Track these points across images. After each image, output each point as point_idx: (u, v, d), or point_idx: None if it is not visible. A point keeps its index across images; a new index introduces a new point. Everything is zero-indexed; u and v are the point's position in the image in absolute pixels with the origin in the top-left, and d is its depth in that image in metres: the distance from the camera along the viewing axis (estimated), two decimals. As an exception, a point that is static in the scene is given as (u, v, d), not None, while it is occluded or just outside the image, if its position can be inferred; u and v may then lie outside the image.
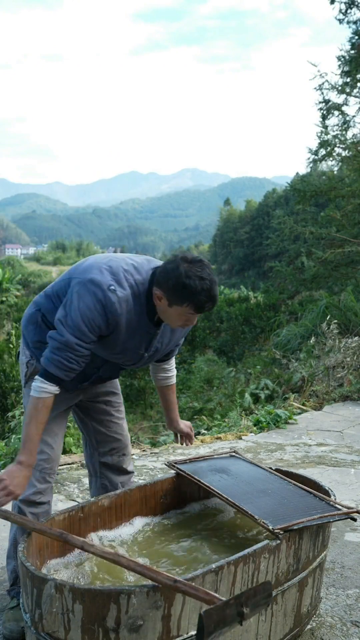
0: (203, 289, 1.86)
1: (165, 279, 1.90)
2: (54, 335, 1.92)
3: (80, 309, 1.88)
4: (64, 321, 1.91)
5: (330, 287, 12.55)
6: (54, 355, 1.91)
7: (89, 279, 1.90)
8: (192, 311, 1.91)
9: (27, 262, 54.43)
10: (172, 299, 1.90)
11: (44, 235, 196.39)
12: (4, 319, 25.04)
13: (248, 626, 1.73)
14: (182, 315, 1.93)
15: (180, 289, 1.86)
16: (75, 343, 1.89)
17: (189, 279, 1.85)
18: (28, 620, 1.61)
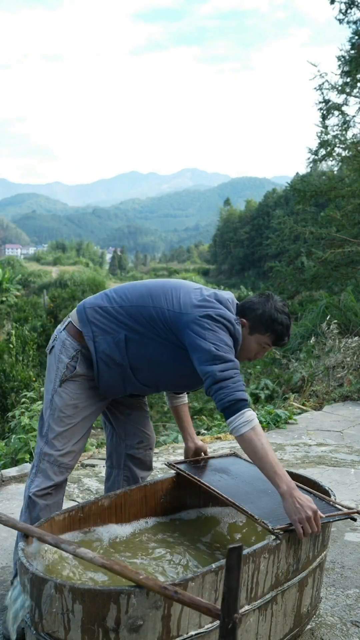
0: (286, 325, 2.13)
1: (253, 309, 2.14)
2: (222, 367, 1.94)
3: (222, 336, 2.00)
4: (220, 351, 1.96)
5: (330, 287, 12.55)
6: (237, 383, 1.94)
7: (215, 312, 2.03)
8: (269, 342, 2.15)
9: (27, 262, 54.43)
10: (256, 326, 2.13)
11: (44, 235, 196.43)
12: (4, 319, 25.03)
13: (248, 626, 1.73)
14: (258, 345, 2.15)
15: (267, 318, 2.12)
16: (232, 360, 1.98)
17: (276, 312, 2.12)
18: (28, 620, 1.61)
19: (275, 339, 2.14)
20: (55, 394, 2.17)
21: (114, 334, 2.10)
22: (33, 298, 28.76)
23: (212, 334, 1.98)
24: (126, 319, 2.10)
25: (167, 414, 9.05)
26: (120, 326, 2.09)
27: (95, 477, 3.65)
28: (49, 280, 37.49)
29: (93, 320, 2.12)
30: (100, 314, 2.13)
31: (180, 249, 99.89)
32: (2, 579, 2.44)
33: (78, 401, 2.15)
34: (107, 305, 2.14)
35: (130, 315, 2.10)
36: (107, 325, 2.11)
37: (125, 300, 2.13)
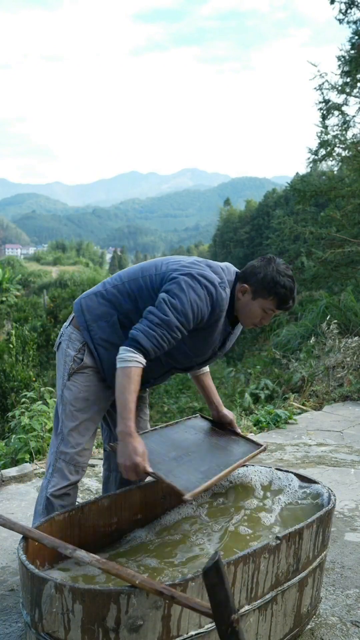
0: (290, 287, 2.06)
1: (255, 273, 2.09)
2: (155, 311, 1.96)
3: (191, 296, 1.96)
4: (169, 303, 1.95)
5: (330, 287, 12.56)
6: (151, 330, 1.94)
7: (199, 273, 2.00)
8: (273, 306, 2.08)
9: (27, 262, 54.46)
10: (258, 290, 2.07)
11: (44, 235, 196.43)
12: (4, 319, 25.04)
13: (248, 626, 1.73)
14: (262, 310, 2.09)
15: (269, 281, 2.05)
16: (176, 326, 1.95)
17: (280, 275, 2.06)
18: (28, 620, 1.61)
19: (279, 302, 2.09)
20: (64, 389, 2.19)
21: (107, 317, 2.13)
22: (33, 298, 28.78)
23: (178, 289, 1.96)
24: (118, 299, 2.12)
25: (167, 414, 9.05)
26: (113, 307, 2.13)
27: (95, 477, 3.65)
28: (49, 280, 37.49)
29: (86, 309, 2.17)
30: (94, 301, 2.17)
31: (180, 249, 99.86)
32: (2, 579, 2.44)
33: (87, 394, 2.17)
34: (101, 290, 2.19)
35: (121, 293, 2.13)
36: (101, 310, 2.14)
37: (118, 279, 2.18)
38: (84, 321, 2.15)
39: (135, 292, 2.10)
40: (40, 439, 4.12)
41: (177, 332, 1.96)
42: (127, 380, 1.91)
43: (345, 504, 3.23)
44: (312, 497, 2.25)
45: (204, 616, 1.56)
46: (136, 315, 2.09)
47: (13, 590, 2.33)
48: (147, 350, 1.94)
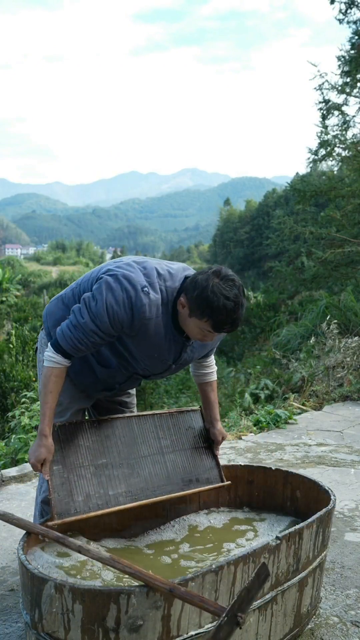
0: (225, 308, 1.80)
1: (192, 288, 1.86)
2: (76, 312, 1.92)
3: (107, 299, 1.85)
4: (88, 304, 1.89)
5: (330, 287, 12.56)
6: (68, 331, 1.91)
7: (123, 274, 1.88)
8: (209, 328, 1.86)
9: (27, 262, 54.46)
10: (193, 309, 1.85)
11: (44, 235, 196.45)
12: (4, 319, 25.03)
13: (248, 626, 1.73)
14: (199, 329, 1.89)
15: (202, 302, 1.81)
16: (91, 330, 1.88)
17: (214, 295, 1.80)
18: (28, 620, 1.61)
19: (213, 325, 1.84)
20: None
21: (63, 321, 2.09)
22: (33, 298, 28.78)
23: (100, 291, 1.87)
24: (72, 303, 2.08)
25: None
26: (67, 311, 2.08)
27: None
28: (49, 280, 37.49)
29: (48, 314, 2.18)
30: (55, 305, 2.17)
31: (180, 249, 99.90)
32: (2, 579, 2.44)
33: (62, 397, 2.15)
34: (62, 294, 2.18)
35: (74, 296, 2.09)
36: (59, 314, 2.12)
37: (76, 283, 2.15)
38: (47, 327, 2.18)
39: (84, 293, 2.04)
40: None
41: (94, 335, 1.88)
42: (44, 379, 1.94)
43: (345, 504, 3.23)
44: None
45: (204, 616, 1.56)
46: None
47: (13, 590, 2.33)
48: (65, 350, 1.92)
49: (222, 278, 1.84)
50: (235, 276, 1.87)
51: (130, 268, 1.91)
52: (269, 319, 15.79)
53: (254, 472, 2.51)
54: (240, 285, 1.87)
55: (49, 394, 1.93)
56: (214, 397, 2.37)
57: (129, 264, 1.94)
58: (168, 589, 1.43)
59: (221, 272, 1.86)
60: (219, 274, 1.85)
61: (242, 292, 1.87)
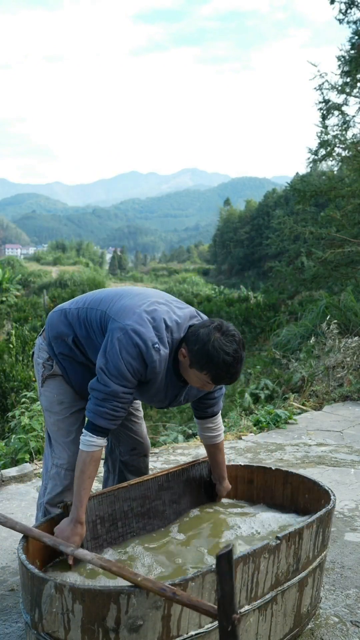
0: (225, 363, 1.87)
1: (194, 341, 1.91)
2: (98, 386, 1.92)
3: (123, 358, 1.88)
4: (107, 371, 1.90)
5: (330, 287, 12.55)
6: (101, 408, 1.91)
7: (133, 329, 1.90)
8: (209, 380, 1.93)
9: (27, 262, 54.39)
10: (193, 361, 1.92)
11: (44, 235, 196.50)
12: (4, 319, 25.03)
13: (248, 626, 1.73)
14: (199, 379, 1.95)
15: (203, 355, 1.88)
16: (121, 392, 1.91)
17: (214, 350, 1.86)
18: (28, 620, 1.61)
19: (213, 378, 1.92)
20: (41, 396, 2.26)
21: (64, 336, 2.15)
22: (33, 298, 28.76)
23: (114, 351, 1.89)
24: (75, 323, 2.12)
25: (167, 414, 9.05)
26: (70, 328, 2.13)
27: (96, 477, 3.65)
28: (49, 280, 37.44)
29: (50, 324, 2.21)
30: (58, 317, 2.19)
31: (180, 249, 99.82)
32: (2, 579, 2.44)
33: (62, 397, 2.20)
34: (67, 308, 2.20)
35: (79, 318, 2.12)
36: (60, 328, 2.16)
37: (82, 302, 2.17)
38: (47, 336, 2.21)
39: (89, 322, 2.09)
40: (40, 439, 4.12)
41: (125, 396, 1.92)
42: (82, 465, 1.91)
43: (345, 504, 3.23)
44: None
45: (203, 616, 1.56)
46: (88, 342, 2.09)
47: (13, 590, 2.33)
48: (105, 428, 1.92)
49: (224, 333, 1.90)
50: (235, 331, 1.94)
51: (141, 321, 1.92)
52: (269, 319, 15.79)
53: (254, 472, 2.51)
54: (240, 339, 1.93)
55: (88, 479, 1.90)
56: (221, 458, 2.37)
57: (140, 315, 1.94)
58: (158, 589, 1.43)
59: (222, 327, 1.92)
60: (220, 328, 1.92)
61: (242, 346, 1.92)
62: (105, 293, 2.15)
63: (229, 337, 1.89)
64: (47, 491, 2.22)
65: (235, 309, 18.32)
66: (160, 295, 2.09)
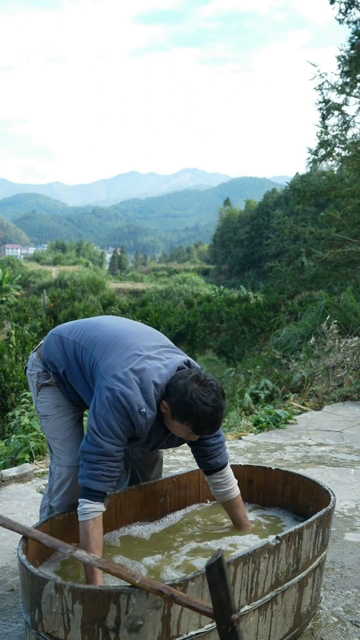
0: (204, 413, 1.86)
1: (173, 393, 1.90)
2: (90, 448, 1.90)
3: (116, 418, 1.88)
4: (98, 431, 1.89)
5: (330, 287, 12.55)
6: (95, 471, 1.89)
7: (121, 391, 1.88)
8: (190, 431, 1.92)
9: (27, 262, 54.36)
10: (175, 414, 1.91)
11: (44, 235, 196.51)
12: (4, 319, 25.03)
13: (248, 626, 1.73)
14: (182, 430, 1.94)
15: (182, 407, 1.87)
16: (115, 450, 1.90)
17: (193, 401, 1.85)
18: (28, 620, 1.61)
19: (194, 429, 1.91)
20: (38, 405, 2.27)
21: (58, 363, 2.16)
22: (33, 298, 28.75)
23: (104, 411, 1.88)
24: (70, 356, 2.13)
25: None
26: (65, 359, 2.14)
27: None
28: (49, 280, 37.41)
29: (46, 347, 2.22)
30: (54, 343, 2.20)
31: (180, 249, 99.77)
32: (2, 579, 2.44)
33: (59, 401, 2.22)
34: (65, 336, 2.19)
35: (75, 353, 2.12)
36: (55, 355, 2.17)
37: (79, 337, 2.16)
38: (43, 356, 2.23)
39: (82, 362, 2.09)
40: (40, 439, 4.12)
41: (117, 454, 1.91)
42: (85, 536, 1.86)
43: (345, 504, 3.23)
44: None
45: (203, 616, 1.56)
46: (79, 376, 2.10)
47: (13, 590, 2.33)
48: (101, 491, 1.90)
49: (201, 383, 1.89)
50: (214, 380, 1.92)
51: (129, 384, 1.90)
52: (269, 319, 15.78)
53: (254, 472, 2.51)
54: (219, 388, 1.91)
55: (96, 549, 1.85)
56: (241, 513, 2.26)
57: (127, 374, 1.91)
58: (157, 590, 1.43)
59: (200, 377, 1.91)
60: (197, 379, 1.90)
61: (221, 395, 1.91)
62: (101, 333, 2.10)
63: (207, 387, 1.88)
64: (52, 493, 2.23)
65: (235, 309, 18.30)
66: (152, 345, 2.05)
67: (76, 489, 2.20)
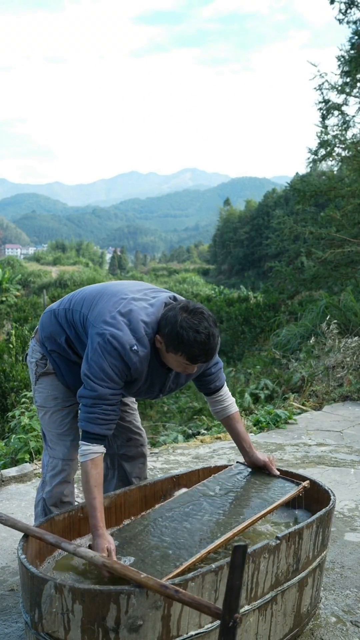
0: (197, 341, 1.85)
1: (164, 325, 1.91)
2: (85, 393, 1.93)
3: (107, 360, 1.90)
4: (91, 376, 1.92)
5: (330, 287, 12.55)
6: (91, 414, 1.92)
7: (110, 333, 1.90)
8: (186, 361, 1.91)
9: (27, 262, 54.37)
10: (168, 345, 1.91)
11: (44, 235, 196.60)
12: (4, 319, 25.03)
13: (248, 626, 1.73)
14: (178, 363, 1.94)
15: (174, 337, 1.87)
16: (109, 394, 1.92)
17: (183, 330, 1.85)
18: (28, 620, 1.61)
19: (188, 358, 1.89)
20: (35, 394, 2.29)
21: (56, 336, 2.18)
22: (33, 298, 28.75)
23: (97, 356, 1.90)
24: (64, 324, 2.15)
25: (167, 414, 9.05)
26: (61, 329, 2.17)
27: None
28: (49, 280, 37.43)
29: (42, 325, 2.25)
30: (48, 318, 2.23)
31: (180, 249, 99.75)
32: (2, 579, 2.44)
33: (56, 392, 2.24)
34: (56, 309, 2.22)
35: (67, 319, 2.15)
36: (51, 329, 2.19)
37: (68, 303, 2.19)
38: (41, 336, 2.25)
39: (74, 323, 2.12)
40: (40, 439, 4.12)
41: (113, 398, 1.93)
42: (85, 476, 1.90)
43: (345, 504, 3.23)
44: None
45: (204, 616, 1.56)
46: (79, 341, 2.11)
47: (13, 590, 2.33)
48: (99, 434, 1.92)
49: (190, 312, 1.89)
50: (203, 308, 1.92)
51: (118, 325, 1.92)
52: (268, 319, 15.78)
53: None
54: (209, 316, 1.91)
55: (95, 487, 1.88)
56: (240, 428, 2.34)
57: (114, 317, 1.94)
58: (161, 588, 1.43)
59: (189, 306, 1.91)
60: (186, 308, 1.90)
61: (213, 323, 1.90)
62: (87, 292, 2.16)
63: (197, 315, 1.88)
64: (45, 484, 2.25)
65: (235, 309, 18.30)
66: (137, 289, 2.09)
67: (68, 483, 2.25)
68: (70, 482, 2.28)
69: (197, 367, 2.01)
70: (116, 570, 1.53)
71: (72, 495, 2.28)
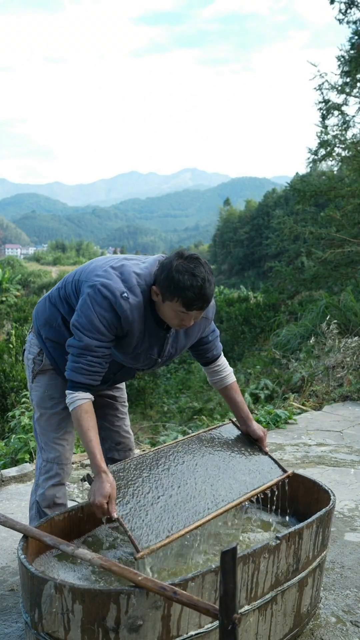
0: (192, 285, 1.84)
1: (159, 272, 1.92)
2: (73, 342, 1.94)
3: (96, 311, 1.90)
4: (79, 326, 1.93)
5: (330, 287, 12.56)
6: (76, 364, 1.93)
7: (101, 283, 1.92)
8: (182, 308, 1.88)
9: (27, 262, 54.41)
10: (164, 293, 1.89)
11: (44, 235, 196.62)
12: (4, 319, 25.03)
13: (248, 626, 1.73)
14: (175, 313, 1.91)
15: (170, 283, 1.86)
16: (95, 345, 1.92)
17: (179, 274, 1.84)
18: (28, 620, 1.61)
19: (184, 304, 1.86)
20: (32, 392, 2.27)
21: (52, 320, 2.17)
22: (33, 298, 28.77)
23: (86, 307, 1.91)
24: (59, 303, 2.15)
25: (166, 414, 9.06)
26: (56, 310, 2.16)
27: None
28: (49, 280, 37.45)
29: (36, 314, 2.24)
30: (43, 305, 2.22)
31: (180, 248, 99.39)
32: (2, 579, 2.44)
33: (52, 392, 2.22)
34: (49, 294, 2.23)
35: (60, 297, 2.15)
36: (47, 314, 2.19)
37: (62, 282, 2.20)
38: (36, 327, 2.24)
39: (68, 296, 2.12)
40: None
41: (99, 350, 1.93)
42: (77, 422, 1.92)
43: (345, 504, 3.23)
44: None
45: (204, 616, 1.56)
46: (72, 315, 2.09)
47: (13, 590, 2.33)
48: (83, 383, 1.93)
49: (186, 258, 1.89)
50: (198, 255, 1.92)
51: (108, 276, 1.94)
52: (269, 319, 15.78)
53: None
54: (204, 262, 1.91)
55: (89, 431, 1.89)
56: (238, 397, 2.35)
57: (106, 270, 1.97)
58: (159, 589, 1.43)
59: (184, 253, 1.91)
60: (182, 255, 1.91)
61: (208, 269, 1.90)
62: (79, 267, 2.18)
63: (192, 261, 1.88)
64: (38, 487, 2.23)
65: (235, 309, 18.30)
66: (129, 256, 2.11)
67: (62, 485, 2.23)
68: (64, 485, 2.25)
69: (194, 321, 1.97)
70: (114, 572, 1.53)
71: (65, 497, 2.25)
